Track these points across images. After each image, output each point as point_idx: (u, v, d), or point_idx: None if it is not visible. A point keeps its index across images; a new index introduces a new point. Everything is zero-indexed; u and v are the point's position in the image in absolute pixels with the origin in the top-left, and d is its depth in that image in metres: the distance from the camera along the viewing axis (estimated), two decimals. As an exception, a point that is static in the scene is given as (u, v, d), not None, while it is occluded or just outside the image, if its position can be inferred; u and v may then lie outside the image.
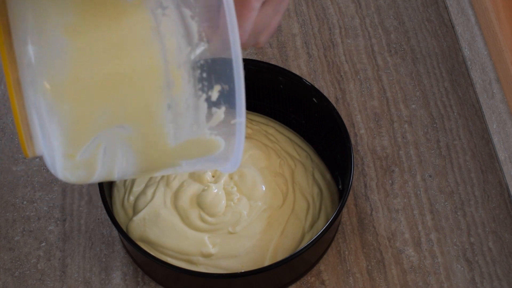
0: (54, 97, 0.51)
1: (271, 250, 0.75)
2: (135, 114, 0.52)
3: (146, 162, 0.56)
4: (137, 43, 0.52)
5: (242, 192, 0.78)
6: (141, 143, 0.54)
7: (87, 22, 0.51)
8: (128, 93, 0.52)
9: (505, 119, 0.81)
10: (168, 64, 0.52)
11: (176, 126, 0.53)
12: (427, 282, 0.77)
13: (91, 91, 0.51)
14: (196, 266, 0.74)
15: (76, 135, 0.52)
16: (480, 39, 0.87)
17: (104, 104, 0.52)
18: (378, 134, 0.86)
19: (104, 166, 0.55)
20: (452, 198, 0.82)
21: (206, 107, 0.53)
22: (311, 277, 0.77)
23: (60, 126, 0.52)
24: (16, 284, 0.77)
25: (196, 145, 0.55)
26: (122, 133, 0.53)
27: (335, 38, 0.93)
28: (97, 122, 0.52)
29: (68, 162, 0.54)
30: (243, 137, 0.54)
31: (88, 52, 0.51)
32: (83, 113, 0.52)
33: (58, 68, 0.51)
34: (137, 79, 0.52)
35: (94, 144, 0.53)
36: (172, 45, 0.52)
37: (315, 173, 0.80)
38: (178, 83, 0.52)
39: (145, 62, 0.52)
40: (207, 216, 0.76)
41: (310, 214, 0.77)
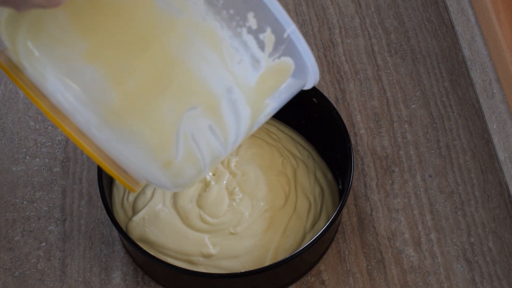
0: (121, 124, 0.50)
1: (272, 250, 0.75)
2: (196, 93, 0.51)
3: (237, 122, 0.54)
4: (157, 27, 0.50)
5: (244, 191, 0.77)
6: (216, 112, 0.52)
7: (98, 32, 0.50)
8: (178, 76, 0.50)
9: (505, 119, 0.81)
10: (196, 24, 0.50)
11: (238, 76, 0.52)
12: (427, 282, 0.77)
13: (145, 98, 0.50)
14: (196, 266, 0.74)
15: (158, 142, 0.51)
16: (480, 39, 0.87)
17: (162, 101, 0.50)
18: (378, 134, 0.86)
19: (205, 150, 0.53)
20: (452, 198, 0.82)
21: (253, 38, 0.52)
22: (311, 277, 0.77)
23: (139, 144, 0.51)
24: (16, 284, 0.77)
25: (270, 77, 0.53)
26: (197, 113, 0.51)
27: (335, 38, 0.93)
28: (168, 120, 0.51)
29: (171, 170, 0.52)
30: (304, 42, 0.52)
31: (117, 63, 0.50)
32: (151, 121, 0.51)
33: (105, 99, 0.50)
34: (178, 60, 0.50)
35: (180, 138, 0.51)
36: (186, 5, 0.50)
37: (316, 173, 0.80)
38: (214, 34, 0.51)
39: (174, 38, 0.50)
40: (207, 216, 0.76)
41: (312, 214, 0.77)
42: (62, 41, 0.50)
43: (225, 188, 0.78)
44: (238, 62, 0.52)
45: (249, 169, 0.79)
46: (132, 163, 0.52)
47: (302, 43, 0.52)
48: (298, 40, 0.52)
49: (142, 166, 0.52)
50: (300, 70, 0.55)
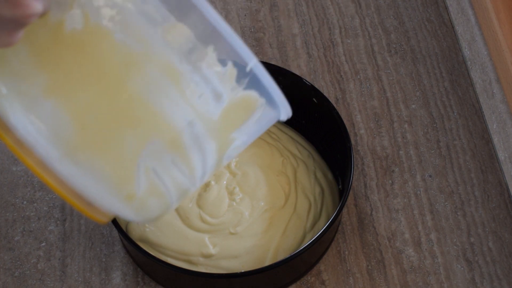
0: (80, 158, 0.50)
1: (272, 250, 0.75)
2: (156, 127, 0.51)
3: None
4: (115, 61, 0.50)
5: (244, 191, 0.77)
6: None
7: (57, 67, 0.49)
8: (137, 111, 0.50)
9: (505, 119, 0.81)
10: (154, 59, 0.50)
11: (199, 110, 0.51)
12: (427, 282, 0.77)
13: (103, 132, 0.50)
14: (196, 267, 0.74)
15: (118, 177, 0.51)
16: (480, 39, 0.87)
17: (122, 135, 0.50)
18: (378, 134, 0.86)
19: (170, 184, 0.53)
20: (452, 198, 0.82)
21: (213, 72, 0.51)
22: (311, 277, 0.77)
23: (99, 178, 0.50)
24: (16, 284, 0.77)
25: (235, 111, 0.53)
26: (158, 147, 0.51)
27: (335, 38, 0.93)
28: (128, 154, 0.50)
29: (133, 204, 0.52)
30: (268, 76, 0.51)
31: (75, 98, 0.50)
32: (110, 155, 0.50)
33: (64, 133, 0.49)
34: (136, 94, 0.50)
35: (141, 172, 0.51)
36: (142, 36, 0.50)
37: (317, 173, 0.80)
38: (173, 68, 0.50)
39: (133, 73, 0.50)
40: (207, 216, 0.76)
41: (312, 214, 0.77)
42: (24, 76, 0.49)
43: (225, 188, 0.78)
44: (198, 96, 0.51)
45: (249, 169, 0.79)
46: (95, 196, 0.52)
47: (266, 77, 0.51)
48: (262, 74, 0.51)
49: (104, 199, 0.52)
50: (269, 103, 0.54)
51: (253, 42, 0.93)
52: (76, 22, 0.49)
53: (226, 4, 0.96)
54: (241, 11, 0.96)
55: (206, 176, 0.55)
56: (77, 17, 0.49)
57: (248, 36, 0.93)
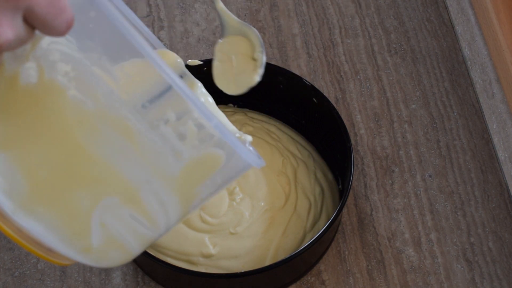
0: (33, 212, 0.49)
1: (272, 250, 0.75)
2: (111, 184, 0.49)
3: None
4: (67, 118, 0.49)
5: (244, 191, 0.77)
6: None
7: (9, 121, 0.48)
8: (91, 167, 0.49)
9: (505, 119, 0.81)
10: (108, 116, 0.49)
11: (157, 168, 0.50)
12: (427, 282, 0.77)
13: (56, 188, 0.49)
14: (196, 267, 0.74)
15: (71, 232, 0.50)
16: (480, 39, 0.87)
17: (74, 191, 0.49)
18: (378, 134, 0.86)
19: (130, 236, 0.52)
20: (452, 198, 0.82)
21: (171, 131, 0.50)
22: (311, 277, 0.77)
23: (54, 231, 0.50)
24: (16, 284, 0.77)
25: (198, 168, 0.52)
26: (114, 203, 0.50)
27: (335, 38, 0.93)
28: (82, 210, 0.49)
29: (91, 255, 0.51)
30: (230, 135, 0.50)
31: (27, 153, 0.49)
32: (62, 210, 0.49)
33: (17, 186, 0.48)
34: (89, 151, 0.49)
35: (96, 227, 0.50)
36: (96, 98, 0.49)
37: (317, 173, 0.80)
38: (128, 126, 0.49)
39: (85, 130, 0.49)
40: (207, 216, 0.76)
41: (312, 214, 0.77)
42: None
43: (225, 188, 0.77)
44: (156, 155, 0.50)
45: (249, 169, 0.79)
46: (52, 245, 0.51)
47: (229, 137, 0.50)
48: (224, 134, 0.50)
49: (62, 250, 0.51)
50: (237, 160, 0.52)
51: (253, 42, 0.93)
52: (30, 75, 0.48)
53: (226, 4, 0.96)
54: (241, 11, 0.96)
55: (172, 224, 0.54)
56: (32, 71, 0.48)
57: (248, 36, 0.93)
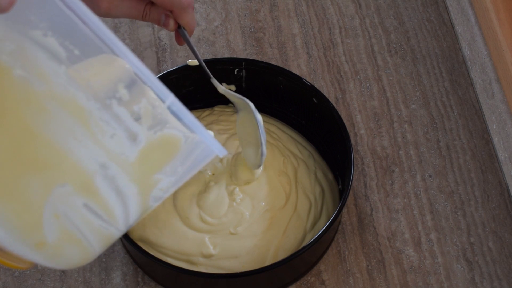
0: None
1: (272, 250, 0.75)
2: (63, 169, 0.47)
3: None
4: (13, 99, 0.46)
5: (245, 192, 0.77)
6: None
7: None
8: (41, 152, 0.46)
9: (505, 119, 0.81)
10: (58, 97, 0.46)
11: (112, 151, 0.48)
12: (427, 282, 0.77)
13: (5, 177, 0.46)
14: (196, 267, 0.74)
15: (23, 224, 0.47)
16: (480, 39, 0.87)
17: (25, 179, 0.46)
18: (378, 134, 0.86)
19: (85, 229, 0.49)
20: (452, 198, 0.82)
21: (125, 110, 0.47)
22: (311, 277, 0.77)
23: (5, 225, 0.47)
24: (16, 284, 0.77)
25: (155, 151, 0.49)
26: (67, 191, 0.47)
27: (335, 38, 0.93)
28: (33, 199, 0.47)
29: (46, 252, 0.48)
30: (188, 113, 0.48)
31: None
32: (13, 201, 0.47)
33: None
34: (39, 135, 0.46)
35: (50, 218, 0.47)
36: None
37: (317, 172, 0.80)
38: (79, 106, 0.46)
39: (34, 112, 0.46)
40: (207, 216, 0.76)
41: (312, 214, 0.77)
42: None
43: (225, 189, 0.77)
44: (110, 136, 0.47)
45: None
46: (5, 244, 0.48)
47: (186, 115, 0.48)
48: (181, 112, 0.47)
49: (15, 248, 0.48)
50: (202, 146, 0.50)
51: (253, 42, 0.93)
52: None
53: (226, 4, 0.96)
54: (241, 11, 0.96)
55: (132, 218, 0.51)
56: None
57: (248, 36, 0.93)
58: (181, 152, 0.50)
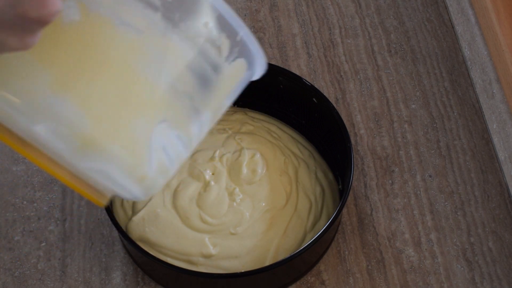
0: (95, 149, 0.50)
1: (272, 250, 0.75)
2: (163, 106, 0.51)
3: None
4: (118, 49, 0.50)
5: (245, 192, 0.77)
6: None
7: (61, 63, 0.50)
8: (145, 93, 0.51)
9: (505, 119, 0.81)
10: (157, 41, 0.51)
11: (199, 85, 0.53)
12: (427, 282, 0.77)
13: (116, 119, 0.50)
14: (196, 267, 0.74)
15: (133, 160, 0.51)
16: (480, 39, 0.87)
17: (133, 119, 0.51)
18: (378, 134, 0.86)
19: (175, 159, 0.54)
20: (452, 198, 0.82)
21: (210, 45, 0.52)
22: (311, 277, 0.77)
23: (114, 166, 0.51)
24: (16, 284, 0.77)
25: (228, 79, 0.54)
26: (166, 125, 0.52)
27: (335, 38, 0.93)
28: (141, 136, 0.51)
29: (146, 183, 0.53)
30: (255, 42, 0.53)
31: (84, 90, 0.50)
32: (124, 140, 0.51)
33: (77, 127, 0.50)
34: (143, 77, 0.51)
35: (153, 152, 0.52)
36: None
37: (317, 172, 0.80)
38: (175, 47, 0.51)
39: (137, 58, 0.51)
40: (207, 216, 0.76)
41: (312, 214, 0.77)
42: (30, 78, 0.49)
43: (225, 189, 0.77)
44: (199, 70, 0.53)
45: None
46: (102, 180, 0.52)
47: (254, 44, 0.54)
48: (250, 41, 0.53)
49: (120, 182, 0.52)
50: (249, 66, 0.56)
51: (253, 42, 0.93)
52: (73, 13, 0.49)
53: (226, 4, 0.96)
54: (241, 11, 0.96)
55: (197, 143, 0.56)
56: (73, 8, 0.49)
57: (248, 36, 0.93)
58: (243, 77, 0.56)
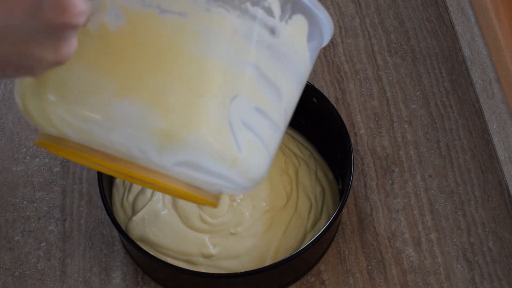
0: (177, 142, 0.49)
1: (272, 250, 0.75)
2: (231, 82, 0.51)
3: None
4: (168, 37, 0.50)
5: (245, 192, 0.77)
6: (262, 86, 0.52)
7: (118, 68, 0.49)
8: (209, 73, 0.50)
9: (505, 119, 0.81)
10: (203, 18, 0.50)
11: (259, 52, 0.52)
12: (427, 282, 0.77)
13: (188, 107, 0.49)
14: (196, 267, 0.74)
15: (218, 143, 0.50)
16: (480, 39, 0.87)
17: (205, 102, 0.50)
18: (378, 134, 0.86)
19: (262, 133, 0.52)
20: (452, 198, 0.82)
21: (259, 8, 0.51)
22: (311, 277, 0.77)
23: (202, 153, 0.50)
24: (16, 284, 0.77)
25: (290, 39, 0.53)
26: (240, 100, 0.51)
27: (335, 38, 0.93)
28: (217, 117, 0.50)
29: (241, 165, 0.52)
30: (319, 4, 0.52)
31: (147, 88, 0.49)
32: (202, 126, 0.50)
33: (152, 125, 0.49)
34: (201, 59, 0.50)
35: (235, 130, 0.51)
36: None
37: (318, 172, 0.80)
38: (223, 19, 0.50)
39: (189, 40, 0.50)
40: (207, 216, 0.76)
41: (313, 214, 0.77)
42: (91, 91, 0.49)
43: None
44: (254, 37, 0.51)
45: None
46: (198, 175, 0.52)
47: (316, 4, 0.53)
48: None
49: (212, 174, 0.51)
50: (313, 27, 0.54)
51: (253, 42, 0.93)
52: (117, 19, 0.49)
53: (226, 4, 0.96)
54: (241, 11, 0.96)
55: (288, 111, 0.55)
56: (117, 15, 0.49)
57: (248, 36, 0.93)
58: (308, 35, 0.54)
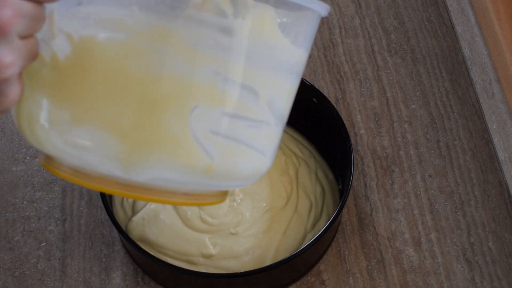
0: (142, 163, 0.48)
1: (272, 250, 0.75)
2: (188, 93, 0.48)
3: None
4: (110, 60, 0.49)
5: (245, 192, 0.77)
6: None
7: (71, 96, 0.49)
8: (162, 89, 0.48)
9: (505, 119, 0.81)
10: (143, 34, 0.48)
11: (214, 56, 0.49)
12: (427, 282, 0.77)
13: (145, 126, 0.48)
14: (196, 267, 0.74)
15: (184, 157, 0.49)
16: (480, 39, 0.87)
17: (162, 118, 0.48)
18: (378, 134, 0.86)
19: (244, 134, 0.50)
20: (452, 198, 0.82)
21: (209, 14, 0.48)
22: (311, 277, 0.77)
23: (170, 169, 0.49)
24: (16, 284, 0.77)
25: (256, 30, 0.50)
26: (201, 109, 0.48)
27: (335, 38, 0.93)
28: (177, 131, 0.48)
29: (218, 172, 0.50)
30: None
31: (100, 112, 0.48)
32: (163, 142, 0.49)
33: (113, 150, 0.48)
34: (152, 76, 0.48)
35: (201, 140, 0.49)
36: None
37: (318, 172, 0.80)
38: (168, 32, 0.48)
39: (135, 60, 0.48)
40: (207, 216, 0.76)
41: (313, 214, 0.77)
42: (52, 120, 0.49)
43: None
44: (205, 42, 0.48)
45: None
46: (186, 186, 0.51)
47: None
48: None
49: (195, 184, 0.50)
50: (285, 9, 0.51)
51: (253, 42, 0.93)
52: (64, 46, 0.48)
53: (226, 4, 0.96)
54: (241, 11, 0.96)
55: (277, 103, 0.51)
56: (63, 41, 0.48)
57: (248, 36, 0.93)
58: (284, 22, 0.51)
